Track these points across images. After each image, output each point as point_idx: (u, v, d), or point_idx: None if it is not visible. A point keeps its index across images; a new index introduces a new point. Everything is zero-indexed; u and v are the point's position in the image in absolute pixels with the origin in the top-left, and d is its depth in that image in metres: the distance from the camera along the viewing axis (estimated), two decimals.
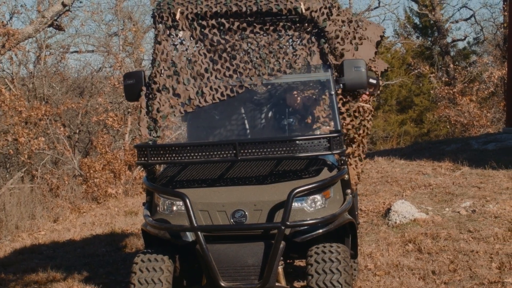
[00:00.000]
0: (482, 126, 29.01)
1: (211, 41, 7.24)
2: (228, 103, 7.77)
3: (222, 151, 6.76)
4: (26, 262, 11.57)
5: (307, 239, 6.80)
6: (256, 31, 7.24)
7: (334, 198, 7.08)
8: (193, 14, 7.19)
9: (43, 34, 25.51)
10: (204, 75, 7.21)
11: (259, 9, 7.09)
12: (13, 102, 21.80)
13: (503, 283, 8.28)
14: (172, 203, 7.05)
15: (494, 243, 9.71)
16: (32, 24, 21.34)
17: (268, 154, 6.73)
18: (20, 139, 21.44)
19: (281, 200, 6.70)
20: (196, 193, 6.95)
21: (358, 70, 7.21)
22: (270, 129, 8.18)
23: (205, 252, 6.65)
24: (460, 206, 11.66)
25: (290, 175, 7.06)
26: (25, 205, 17.02)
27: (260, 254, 6.71)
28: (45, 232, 15.04)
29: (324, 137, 6.76)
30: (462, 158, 15.34)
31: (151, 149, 6.94)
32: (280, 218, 6.63)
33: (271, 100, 8.36)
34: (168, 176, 7.35)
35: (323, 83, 7.69)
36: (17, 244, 13.88)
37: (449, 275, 8.71)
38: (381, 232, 10.75)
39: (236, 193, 6.95)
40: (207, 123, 8.30)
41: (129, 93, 7.45)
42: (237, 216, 6.82)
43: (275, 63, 7.19)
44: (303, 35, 7.28)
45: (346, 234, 7.33)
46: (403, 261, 9.29)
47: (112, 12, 30.76)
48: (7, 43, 19.82)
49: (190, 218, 6.65)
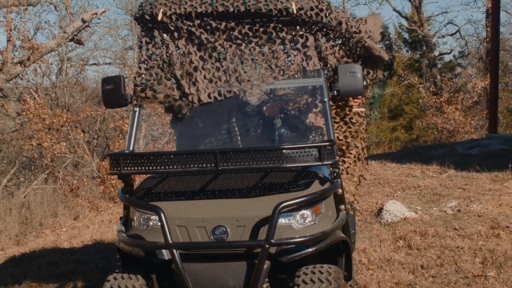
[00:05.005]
0: (467, 132, 29.05)
1: (198, 39, 6.25)
2: (218, 111, 6.99)
3: (202, 161, 5.63)
4: (49, 256, 11.59)
5: (294, 258, 5.66)
6: (245, 31, 6.22)
7: (326, 214, 5.96)
8: (176, 14, 6.20)
9: (64, 48, 25.56)
10: (193, 74, 6.18)
11: (247, 10, 6.11)
12: (37, 110, 21.90)
13: (486, 276, 8.27)
14: (149, 217, 5.92)
15: (478, 240, 9.69)
16: (55, 39, 21.36)
17: (252, 164, 5.58)
18: (44, 143, 21.51)
19: (266, 216, 5.58)
20: (174, 207, 5.84)
21: (354, 75, 6.18)
22: (262, 139, 7.12)
23: (181, 272, 5.54)
24: (446, 206, 11.63)
25: (277, 188, 5.92)
26: (48, 204, 17.05)
27: (242, 275, 5.59)
28: (66, 229, 15.06)
29: (314, 147, 5.63)
30: (448, 162, 15.31)
31: (124, 158, 5.84)
32: (265, 236, 5.49)
33: (263, 110, 7.34)
34: (145, 188, 6.21)
35: (315, 90, 6.84)
36: (41, 239, 13.90)
37: (436, 269, 8.70)
38: (374, 229, 10.73)
39: (217, 207, 5.80)
40: (196, 132, 7.21)
41: (107, 99, 6.42)
42: (218, 232, 5.68)
43: (266, 68, 6.21)
44: (296, 38, 6.27)
45: (339, 254, 6.20)
46: (394, 256, 9.28)
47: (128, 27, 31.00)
48: (32, 56, 19.84)
49: (165, 234, 5.54)
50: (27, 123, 23.12)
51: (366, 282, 8.37)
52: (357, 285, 8.24)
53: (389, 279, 8.42)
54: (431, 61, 36.86)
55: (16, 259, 11.81)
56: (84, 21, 21.26)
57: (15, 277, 10.28)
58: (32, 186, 21.86)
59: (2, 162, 26.14)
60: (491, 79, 20.69)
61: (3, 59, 19.71)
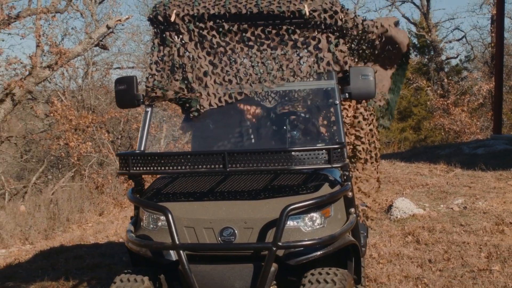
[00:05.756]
0: (472, 133, 28.93)
1: (210, 43, 5.95)
2: (233, 113, 6.75)
3: (210, 161, 5.32)
4: (76, 250, 11.64)
5: (302, 261, 5.36)
6: (257, 33, 5.91)
7: (335, 217, 5.64)
8: (189, 16, 5.89)
9: (90, 53, 25.63)
10: (203, 79, 5.88)
11: (260, 11, 5.80)
12: (64, 112, 22.00)
13: (491, 270, 8.25)
14: (158, 218, 5.63)
15: (483, 235, 9.67)
16: (81, 44, 21.43)
17: (260, 166, 5.26)
18: (71, 143, 21.61)
19: (275, 218, 5.27)
20: (182, 207, 5.56)
21: (366, 78, 5.85)
22: (275, 141, 6.79)
23: (187, 274, 5.27)
24: (453, 203, 11.61)
25: (286, 190, 5.60)
26: (74, 201, 17.12)
27: (248, 278, 5.29)
28: (92, 224, 15.12)
29: (323, 149, 5.28)
30: (455, 161, 15.26)
31: (133, 158, 5.55)
32: (272, 238, 5.22)
33: (280, 111, 7.06)
34: (155, 189, 5.94)
35: (327, 92, 6.26)
36: (67, 234, 13.96)
37: (443, 263, 8.69)
38: (384, 225, 10.72)
39: (226, 208, 5.51)
40: (210, 134, 6.89)
41: (120, 99, 6.15)
42: (226, 234, 5.38)
43: (278, 70, 5.88)
44: (308, 40, 5.93)
45: (349, 257, 5.91)
46: (403, 251, 9.27)
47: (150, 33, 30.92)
48: (59, 61, 19.91)
49: (172, 235, 5.27)
50: (55, 124, 23.23)
51: (377, 275, 8.37)
52: (368, 278, 8.24)
53: (398, 273, 8.41)
54: (438, 65, 36.70)
55: (44, 252, 11.87)
56: (109, 28, 21.32)
57: (44, 269, 10.34)
58: (60, 184, 21.94)
59: (32, 161, 26.30)
60: (495, 82, 20.63)
61: (33, 63, 19.81)
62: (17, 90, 19.23)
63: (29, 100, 23.45)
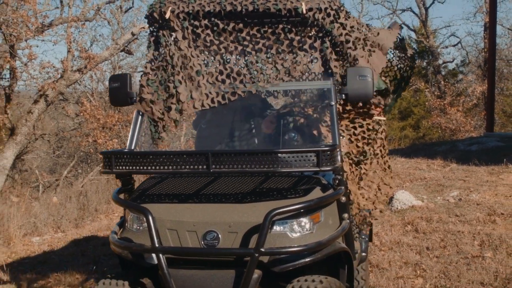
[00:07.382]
0: (467, 131, 28.86)
1: (204, 41, 5.41)
2: (237, 113, 6.26)
3: (194, 162, 4.73)
4: (103, 238, 11.70)
5: (288, 269, 4.71)
6: (253, 33, 5.33)
7: (325, 222, 4.97)
8: (184, 13, 5.34)
9: (116, 58, 25.67)
10: (195, 78, 5.29)
11: (256, 9, 5.22)
12: (93, 111, 22.04)
13: (483, 257, 8.25)
14: (142, 219, 5.01)
15: (476, 225, 9.65)
16: (108, 49, 21.47)
17: (245, 168, 4.63)
18: (99, 140, 21.64)
19: (260, 222, 4.63)
20: (166, 209, 4.99)
21: (364, 79, 5.19)
22: (275, 143, 6.12)
23: (166, 278, 4.70)
24: (449, 195, 11.58)
25: (275, 194, 4.97)
26: (102, 193, 17.13)
27: (229, 284, 4.68)
28: (118, 214, 15.13)
29: (312, 151, 4.62)
30: (451, 157, 15.22)
31: (116, 157, 5.00)
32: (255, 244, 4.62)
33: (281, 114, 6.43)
34: (142, 189, 5.40)
35: (323, 93, 5.74)
36: (96, 223, 14.00)
37: (440, 251, 8.68)
38: (385, 216, 10.71)
39: (211, 211, 4.91)
40: (214, 134, 6.36)
41: (114, 96, 5.63)
42: (209, 238, 4.78)
43: (273, 69, 5.30)
44: (304, 39, 5.35)
45: (341, 265, 5.21)
46: (403, 239, 9.26)
47: None
48: (88, 65, 19.95)
49: (152, 237, 4.72)
50: (84, 122, 23.27)
51: (379, 261, 8.37)
52: (371, 264, 8.24)
53: (398, 259, 8.41)
54: (436, 69, 36.55)
55: (75, 240, 11.92)
56: (133, 34, 21.35)
57: (74, 255, 10.41)
58: (89, 177, 22.02)
59: (63, 156, 26.42)
60: (488, 84, 20.61)
61: (64, 67, 19.87)
62: (50, 92, 19.29)
63: (60, 101, 23.50)
